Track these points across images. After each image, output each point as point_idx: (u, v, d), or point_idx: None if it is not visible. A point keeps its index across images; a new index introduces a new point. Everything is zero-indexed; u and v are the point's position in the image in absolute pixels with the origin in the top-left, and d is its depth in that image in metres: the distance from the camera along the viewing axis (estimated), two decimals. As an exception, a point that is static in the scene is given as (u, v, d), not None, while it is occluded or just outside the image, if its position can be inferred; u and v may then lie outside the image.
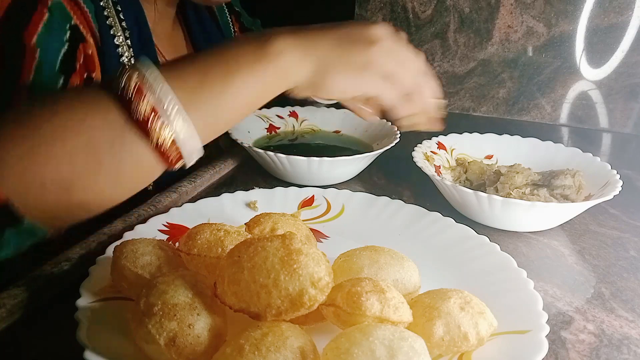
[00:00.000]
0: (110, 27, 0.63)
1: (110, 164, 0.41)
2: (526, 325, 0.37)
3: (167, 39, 0.76)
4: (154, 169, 0.43)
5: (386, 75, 0.49)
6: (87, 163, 0.40)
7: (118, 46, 0.63)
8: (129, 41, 0.64)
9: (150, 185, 0.62)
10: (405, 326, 0.34)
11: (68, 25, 0.57)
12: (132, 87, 0.39)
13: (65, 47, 0.56)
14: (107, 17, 0.63)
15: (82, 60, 0.59)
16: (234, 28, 0.90)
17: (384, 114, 0.55)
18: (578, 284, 0.48)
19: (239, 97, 0.44)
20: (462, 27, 1.05)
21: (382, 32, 0.49)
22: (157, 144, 0.40)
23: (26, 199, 0.39)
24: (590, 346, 0.40)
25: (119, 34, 0.63)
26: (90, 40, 0.60)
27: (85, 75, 0.60)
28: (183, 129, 0.41)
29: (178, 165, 0.43)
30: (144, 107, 0.39)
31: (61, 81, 0.55)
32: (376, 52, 0.48)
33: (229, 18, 0.89)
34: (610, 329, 0.42)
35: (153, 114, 0.40)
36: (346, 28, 0.49)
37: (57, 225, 0.43)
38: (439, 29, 1.06)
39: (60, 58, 0.56)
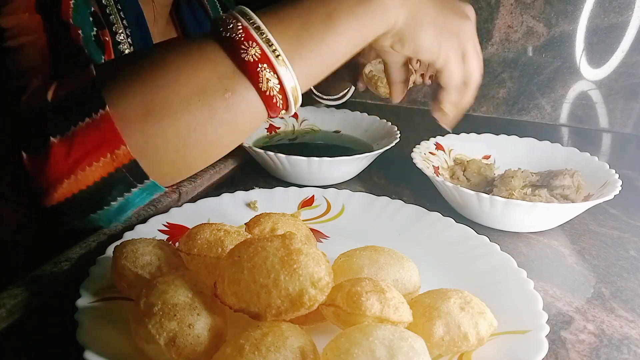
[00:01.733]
0: (113, 24, 0.63)
1: (223, 111, 0.41)
2: (526, 325, 0.37)
3: (161, 38, 0.76)
4: (261, 116, 0.43)
5: (463, 54, 0.50)
6: (202, 111, 0.41)
7: (119, 43, 0.63)
8: (129, 39, 0.64)
9: None
10: (405, 326, 0.34)
11: (89, 12, 0.57)
12: (241, 33, 0.40)
13: (94, 30, 0.55)
14: (110, 15, 0.63)
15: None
16: None
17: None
18: (578, 284, 0.48)
19: (340, 40, 0.44)
20: (462, 27, 1.05)
21: (472, 13, 0.51)
22: (264, 90, 0.41)
23: (149, 156, 0.40)
24: (590, 346, 0.40)
25: (120, 31, 0.63)
26: (106, 29, 0.60)
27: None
28: (287, 76, 0.41)
29: (282, 113, 0.44)
30: (254, 51, 0.40)
31: (102, 61, 0.55)
32: (467, 27, 0.49)
33: None
34: (610, 329, 0.42)
35: (261, 59, 0.40)
36: None
37: (175, 181, 0.45)
38: (439, 29, 1.06)
39: (93, 39, 0.54)
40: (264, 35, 0.41)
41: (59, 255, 0.46)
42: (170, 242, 0.42)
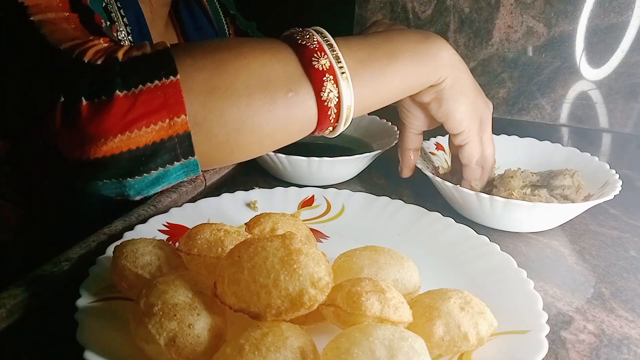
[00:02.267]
0: (114, 21, 0.63)
1: (283, 108, 0.43)
2: (526, 325, 0.37)
3: (160, 39, 0.76)
4: (311, 126, 0.46)
5: (481, 137, 0.57)
6: (264, 103, 0.43)
7: (121, 40, 0.63)
8: (130, 37, 0.64)
9: None
10: (405, 326, 0.34)
11: (102, 6, 0.57)
12: (315, 44, 0.44)
13: (107, 23, 0.56)
14: (110, 12, 0.63)
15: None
16: (229, 30, 0.90)
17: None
18: (578, 284, 0.48)
19: (396, 78, 0.49)
20: (462, 27, 1.05)
21: (491, 107, 0.58)
22: (323, 99, 0.44)
23: (203, 132, 0.41)
24: (590, 346, 0.40)
25: (121, 29, 0.63)
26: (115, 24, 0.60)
27: None
28: (347, 93, 0.45)
29: (327, 131, 0.48)
30: (324, 61, 0.44)
31: None
32: (489, 116, 0.57)
33: (224, 21, 0.89)
34: (610, 329, 0.42)
35: (329, 70, 0.44)
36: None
37: (215, 165, 0.46)
38: (439, 29, 1.06)
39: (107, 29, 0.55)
40: (335, 52, 0.44)
41: (59, 255, 0.46)
42: (170, 242, 0.42)
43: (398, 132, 0.72)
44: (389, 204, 0.56)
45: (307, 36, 0.44)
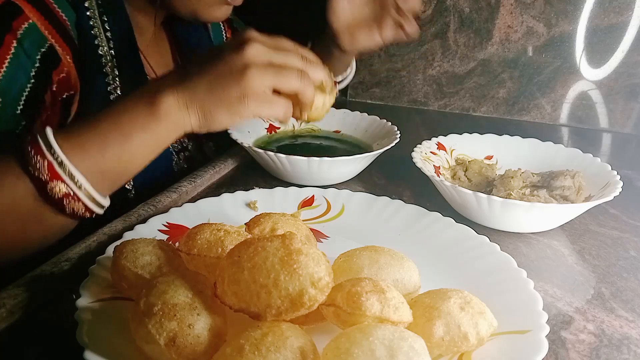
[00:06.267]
0: (95, 37, 0.62)
1: (36, 232, 0.49)
2: (526, 325, 0.37)
3: (153, 46, 0.76)
4: (72, 223, 0.50)
5: (269, 88, 0.50)
6: (21, 239, 0.49)
7: (101, 56, 0.63)
8: (112, 51, 0.64)
9: (131, 192, 0.63)
10: (405, 326, 0.34)
11: (40, 54, 0.56)
12: (46, 174, 0.45)
13: (31, 83, 0.56)
14: (92, 27, 0.62)
15: (55, 86, 0.58)
16: (226, 35, 0.90)
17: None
18: (578, 284, 0.48)
19: (137, 155, 0.49)
20: (462, 27, 1.05)
21: (251, 52, 0.48)
22: (69, 213, 0.47)
23: None
24: (590, 346, 0.40)
25: (102, 44, 0.63)
26: (67, 58, 0.59)
27: (63, 96, 0.60)
28: (92, 204, 0.48)
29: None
30: (59, 188, 0.45)
31: (22, 123, 0.55)
32: (249, 79, 0.48)
33: (221, 26, 0.89)
34: (610, 329, 0.42)
35: (67, 194, 0.46)
36: (218, 64, 0.49)
37: None
38: (439, 29, 1.06)
39: (24, 96, 0.56)
40: (67, 169, 0.45)
41: (58, 255, 0.46)
42: (170, 242, 0.42)
43: (398, 132, 0.72)
44: (389, 204, 0.56)
45: (38, 165, 0.45)
